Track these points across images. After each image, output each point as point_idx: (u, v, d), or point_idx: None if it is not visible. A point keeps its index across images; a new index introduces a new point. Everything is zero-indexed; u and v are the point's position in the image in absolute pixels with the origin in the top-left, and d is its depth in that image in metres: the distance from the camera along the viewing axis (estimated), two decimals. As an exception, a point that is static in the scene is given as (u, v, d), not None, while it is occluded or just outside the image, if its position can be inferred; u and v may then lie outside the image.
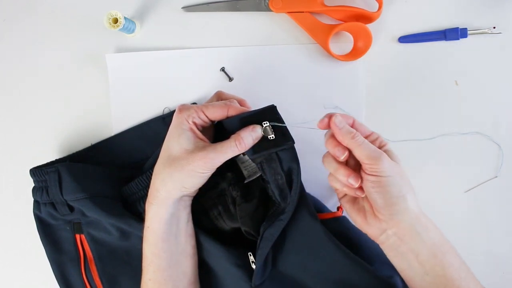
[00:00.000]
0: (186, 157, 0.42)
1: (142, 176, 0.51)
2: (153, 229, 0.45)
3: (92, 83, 0.59)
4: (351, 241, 0.48)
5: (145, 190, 0.51)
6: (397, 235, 0.41)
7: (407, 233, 0.40)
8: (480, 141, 0.55)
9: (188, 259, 0.47)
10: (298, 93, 0.57)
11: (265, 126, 0.43)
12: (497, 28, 0.54)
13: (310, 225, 0.46)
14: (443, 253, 0.40)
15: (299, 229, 0.46)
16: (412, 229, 0.40)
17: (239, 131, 0.43)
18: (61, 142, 0.59)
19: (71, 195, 0.50)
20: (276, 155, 0.44)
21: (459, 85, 0.56)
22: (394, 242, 0.41)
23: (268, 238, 0.45)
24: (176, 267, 0.46)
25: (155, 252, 0.45)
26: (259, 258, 0.45)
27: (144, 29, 0.59)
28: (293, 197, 0.45)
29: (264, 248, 0.45)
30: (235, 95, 0.49)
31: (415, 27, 0.56)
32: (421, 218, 0.41)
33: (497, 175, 0.55)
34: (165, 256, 0.45)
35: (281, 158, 0.44)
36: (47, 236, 0.54)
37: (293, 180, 0.44)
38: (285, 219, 0.45)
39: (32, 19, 0.60)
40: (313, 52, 0.57)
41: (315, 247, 0.46)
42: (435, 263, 0.40)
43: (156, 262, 0.45)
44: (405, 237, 0.41)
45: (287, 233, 0.46)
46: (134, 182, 0.51)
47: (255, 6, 0.56)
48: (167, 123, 0.56)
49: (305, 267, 0.46)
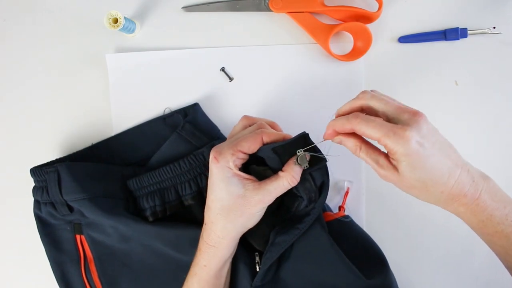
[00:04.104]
0: (243, 203, 0.42)
1: (154, 172, 0.51)
2: (210, 268, 0.45)
3: (92, 83, 0.59)
4: (356, 244, 0.48)
5: (152, 186, 0.52)
6: (464, 215, 0.40)
7: (472, 217, 0.39)
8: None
9: (227, 285, 0.49)
10: (298, 93, 0.57)
11: (299, 154, 0.42)
12: (497, 28, 0.54)
13: (318, 235, 0.46)
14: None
15: (308, 238, 0.46)
16: (477, 217, 0.39)
17: (287, 169, 0.42)
18: (61, 142, 0.59)
19: (70, 195, 0.50)
20: (310, 175, 0.44)
21: (459, 85, 0.56)
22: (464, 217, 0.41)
23: (280, 244, 0.45)
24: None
25: (206, 287, 0.46)
26: (266, 262, 0.45)
27: (144, 29, 0.59)
28: (316, 209, 0.45)
29: (274, 253, 0.45)
30: (263, 118, 0.48)
31: (415, 27, 0.56)
32: (480, 202, 0.39)
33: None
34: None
35: (314, 176, 0.44)
36: (47, 236, 0.54)
37: (321, 194, 0.45)
38: (302, 228, 0.45)
39: (32, 19, 0.60)
40: (313, 52, 0.57)
41: (320, 258, 0.46)
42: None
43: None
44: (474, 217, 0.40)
45: (295, 241, 0.46)
46: (145, 176, 0.52)
47: (255, 6, 0.56)
48: (167, 123, 0.56)
49: (307, 276, 0.47)
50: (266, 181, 0.43)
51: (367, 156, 0.40)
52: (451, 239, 0.42)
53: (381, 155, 0.40)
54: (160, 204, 0.52)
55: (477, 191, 0.39)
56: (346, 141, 0.41)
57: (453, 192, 0.38)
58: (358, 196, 0.56)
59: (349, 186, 0.55)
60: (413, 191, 0.40)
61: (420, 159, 0.36)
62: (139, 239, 0.53)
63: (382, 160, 0.39)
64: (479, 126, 0.56)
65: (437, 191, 0.38)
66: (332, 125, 0.41)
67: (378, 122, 0.37)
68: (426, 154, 0.37)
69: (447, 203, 0.39)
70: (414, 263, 0.56)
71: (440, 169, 0.37)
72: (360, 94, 0.41)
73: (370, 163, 0.40)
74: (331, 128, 0.41)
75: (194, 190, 0.52)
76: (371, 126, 0.37)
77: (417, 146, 0.36)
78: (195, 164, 0.51)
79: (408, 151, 0.36)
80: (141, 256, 0.54)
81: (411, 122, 0.37)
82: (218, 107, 0.57)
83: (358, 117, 0.39)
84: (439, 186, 0.38)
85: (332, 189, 0.55)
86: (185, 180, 0.51)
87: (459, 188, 0.38)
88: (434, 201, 0.40)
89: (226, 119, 0.57)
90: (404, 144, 0.36)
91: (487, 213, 0.39)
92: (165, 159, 0.53)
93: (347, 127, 0.39)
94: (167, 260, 0.53)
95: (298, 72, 0.57)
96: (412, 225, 0.56)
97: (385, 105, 0.39)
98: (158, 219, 0.52)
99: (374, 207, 0.56)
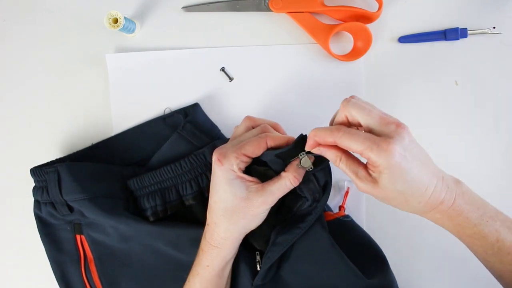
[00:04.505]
0: (246, 205, 0.43)
1: (155, 172, 0.51)
2: (213, 268, 0.46)
3: (92, 83, 0.59)
4: (356, 243, 0.48)
5: (153, 186, 0.52)
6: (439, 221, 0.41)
7: (448, 222, 0.40)
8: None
9: (228, 284, 0.49)
10: (298, 93, 0.57)
11: (301, 157, 0.43)
12: (497, 28, 0.54)
13: (319, 234, 0.46)
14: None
15: (309, 238, 0.47)
16: (452, 221, 0.40)
17: (289, 169, 0.43)
18: (61, 142, 0.59)
19: (70, 195, 0.50)
20: (313, 176, 0.44)
21: (459, 85, 0.56)
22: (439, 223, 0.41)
23: (282, 243, 0.45)
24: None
25: (208, 286, 0.46)
26: (267, 261, 0.45)
27: (144, 29, 0.59)
28: (318, 208, 0.45)
29: (275, 252, 0.45)
30: (265, 119, 0.48)
31: (415, 27, 0.56)
32: (455, 207, 0.39)
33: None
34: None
35: (317, 177, 0.45)
36: (48, 236, 0.54)
37: (324, 193, 0.45)
38: (304, 228, 0.45)
39: (32, 19, 0.60)
40: (313, 52, 0.57)
41: (320, 257, 0.46)
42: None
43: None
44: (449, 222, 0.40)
45: (296, 241, 0.47)
46: (146, 176, 0.52)
47: (255, 6, 0.56)
48: (168, 123, 0.56)
49: (307, 276, 0.47)
50: (269, 182, 0.43)
51: (347, 167, 0.40)
52: (451, 239, 0.42)
53: (360, 166, 0.39)
54: (161, 204, 0.52)
55: (452, 197, 0.39)
56: (327, 152, 0.40)
57: (430, 202, 0.38)
58: (358, 196, 0.56)
59: (349, 186, 0.55)
60: (392, 202, 0.40)
61: (401, 172, 0.36)
62: (139, 239, 0.53)
63: (361, 172, 0.39)
64: (479, 126, 0.56)
65: (415, 202, 0.38)
66: (313, 135, 0.40)
67: (360, 135, 0.37)
68: (408, 167, 0.37)
69: (425, 211, 0.40)
70: (414, 263, 0.56)
71: (420, 181, 0.38)
72: (342, 104, 0.40)
73: (349, 174, 0.40)
74: (312, 139, 0.41)
75: (195, 190, 0.52)
76: (354, 139, 0.37)
77: (400, 158, 0.36)
78: (196, 164, 0.51)
79: (391, 164, 0.36)
80: (141, 256, 0.54)
81: (394, 134, 0.36)
82: (218, 107, 0.57)
83: (340, 130, 0.38)
84: (417, 197, 0.38)
85: (332, 189, 0.55)
86: (186, 180, 0.51)
87: (436, 197, 0.38)
88: (412, 211, 0.40)
89: (226, 119, 0.57)
90: (387, 157, 0.36)
91: (463, 217, 0.39)
92: (165, 159, 0.53)
93: (329, 140, 0.39)
94: (167, 260, 0.53)
95: (298, 72, 0.57)
96: (412, 225, 0.56)
97: (367, 115, 0.38)
98: (159, 219, 0.52)
99: (374, 207, 0.56)
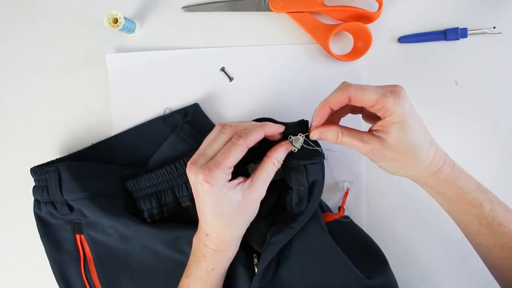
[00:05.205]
0: (244, 205, 0.42)
1: (151, 174, 0.51)
2: (218, 270, 0.45)
3: (92, 83, 0.59)
4: (356, 244, 0.48)
5: (149, 189, 0.52)
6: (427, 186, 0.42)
7: (453, 185, 0.41)
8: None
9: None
10: (298, 93, 0.57)
11: (290, 140, 0.43)
12: (497, 28, 0.54)
13: (318, 235, 0.46)
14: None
15: (307, 239, 0.46)
16: (456, 184, 0.41)
17: (270, 152, 0.43)
18: (61, 142, 0.59)
19: (70, 195, 0.50)
20: (304, 167, 0.44)
21: (459, 85, 0.56)
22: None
23: (276, 243, 0.45)
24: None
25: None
26: (263, 262, 0.45)
27: (144, 29, 0.59)
28: (309, 208, 0.45)
29: (270, 252, 0.45)
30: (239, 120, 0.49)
31: (415, 27, 0.56)
32: (456, 170, 0.41)
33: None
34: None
35: (308, 170, 0.44)
36: (47, 235, 0.54)
37: (313, 192, 0.45)
38: (296, 228, 0.45)
39: (32, 19, 0.60)
40: (313, 52, 0.57)
41: (320, 258, 0.46)
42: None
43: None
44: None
45: (294, 242, 0.47)
46: (143, 178, 0.52)
47: (255, 6, 0.56)
48: (167, 123, 0.56)
49: (307, 277, 0.47)
50: (255, 174, 0.43)
51: (350, 137, 0.40)
52: (451, 239, 0.42)
53: (362, 133, 0.40)
54: (157, 207, 0.51)
55: (451, 160, 0.41)
56: (327, 132, 0.41)
57: (436, 160, 0.39)
58: (358, 196, 0.56)
59: (349, 187, 0.55)
60: (402, 158, 0.39)
61: (413, 120, 0.38)
62: (139, 239, 0.53)
63: (366, 136, 0.40)
64: (479, 126, 0.56)
65: (423, 157, 0.39)
66: (323, 105, 0.40)
67: (371, 86, 0.38)
68: (416, 116, 0.38)
69: (430, 173, 0.40)
70: (414, 263, 0.56)
71: (425, 133, 0.39)
72: (343, 86, 0.40)
73: (355, 143, 0.40)
74: (326, 104, 0.40)
75: (191, 192, 0.51)
76: (368, 89, 0.38)
77: (410, 107, 0.38)
78: None
79: (405, 110, 0.37)
80: (141, 256, 0.54)
81: (397, 88, 0.38)
82: (218, 107, 0.57)
83: (351, 85, 0.39)
84: (425, 151, 0.39)
85: (332, 189, 0.55)
86: (182, 182, 0.51)
87: (438, 156, 0.40)
88: (420, 170, 0.40)
89: (226, 119, 0.57)
90: (401, 103, 0.37)
91: (464, 179, 0.41)
92: (163, 160, 0.53)
93: (342, 98, 0.39)
94: (167, 260, 0.53)
95: (298, 72, 0.57)
96: (412, 225, 0.56)
97: (370, 90, 0.39)
98: (156, 220, 0.52)
99: (374, 207, 0.56)
